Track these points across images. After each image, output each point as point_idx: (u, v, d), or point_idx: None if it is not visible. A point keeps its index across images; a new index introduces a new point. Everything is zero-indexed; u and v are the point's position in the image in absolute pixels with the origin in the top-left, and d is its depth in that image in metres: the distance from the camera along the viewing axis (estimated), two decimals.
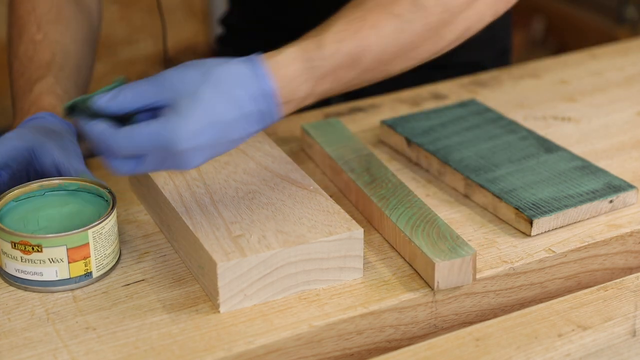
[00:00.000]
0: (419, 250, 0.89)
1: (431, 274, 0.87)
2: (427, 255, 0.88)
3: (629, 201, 1.01)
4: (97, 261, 0.89)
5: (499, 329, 0.87)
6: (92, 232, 0.87)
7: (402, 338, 0.89)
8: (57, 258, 0.87)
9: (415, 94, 1.27)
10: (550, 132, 1.16)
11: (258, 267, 0.85)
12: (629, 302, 0.91)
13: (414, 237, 0.90)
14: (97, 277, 0.89)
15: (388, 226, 0.94)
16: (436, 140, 1.10)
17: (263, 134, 1.05)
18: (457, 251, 0.88)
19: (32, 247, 0.86)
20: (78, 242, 0.87)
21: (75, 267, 0.87)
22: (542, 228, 0.96)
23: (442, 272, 0.87)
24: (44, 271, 0.87)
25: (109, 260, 0.90)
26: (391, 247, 0.94)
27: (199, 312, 0.85)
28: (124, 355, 0.81)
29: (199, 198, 0.93)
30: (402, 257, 0.92)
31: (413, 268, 0.91)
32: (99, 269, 0.89)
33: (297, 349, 0.84)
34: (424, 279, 0.89)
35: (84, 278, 0.88)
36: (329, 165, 1.06)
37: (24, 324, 0.84)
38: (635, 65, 1.36)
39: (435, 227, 0.92)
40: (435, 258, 0.87)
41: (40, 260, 0.87)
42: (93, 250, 0.88)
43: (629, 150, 1.13)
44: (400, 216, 0.94)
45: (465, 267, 0.88)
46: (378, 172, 1.02)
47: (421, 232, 0.91)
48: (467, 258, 0.87)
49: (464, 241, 0.90)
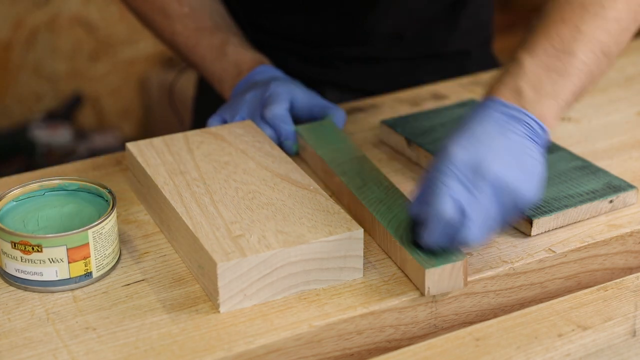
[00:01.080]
0: (409, 256, 0.88)
1: (422, 280, 0.87)
2: (417, 261, 0.87)
3: (629, 201, 1.01)
4: (97, 261, 0.89)
5: (499, 329, 0.87)
6: (92, 232, 0.87)
7: (402, 338, 0.89)
8: (57, 258, 0.87)
9: (415, 94, 1.27)
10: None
11: (258, 267, 0.85)
12: (629, 302, 0.91)
13: (404, 242, 0.90)
14: (97, 277, 0.89)
15: (380, 231, 0.94)
16: (436, 140, 1.10)
17: (263, 134, 1.05)
18: (447, 257, 0.87)
19: (32, 247, 0.86)
20: (78, 242, 0.87)
21: (75, 267, 0.87)
22: (542, 228, 0.96)
23: (433, 279, 0.86)
24: (44, 271, 0.87)
25: (109, 260, 0.90)
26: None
27: (199, 312, 0.85)
28: (124, 355, 0.81)
29: (199, 198, 0.93)
30: (394, 262, 0.92)
31: (404, 273, 0.90)
32: (99, 269, 0.89)
33: (297, 349, 0.84)
34: (415, 284, 0.89)
35: (84, 278, 0.88)
36: (321, 168, 1.06)
37: (24, 324, 0.84)
38: (635, 65, 1.36)
39: None
40: (425, 264, 0.86)
41: (40, 260, 0.87)
42: (93, 250, 0.88)
43: (629, 150, 1.13)
44: (391, 221, 0.93)
45: (455, 272, 0.87)
46: (369, 175, 1.01)
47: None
48: (457, 264, 0.87)
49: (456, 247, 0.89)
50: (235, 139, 1.04)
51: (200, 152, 1.01)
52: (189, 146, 1.02)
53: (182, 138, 1.04)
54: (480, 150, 0.86)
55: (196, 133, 1.05)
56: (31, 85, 2.72)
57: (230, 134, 1.05)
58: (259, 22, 1.31)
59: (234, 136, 1.04)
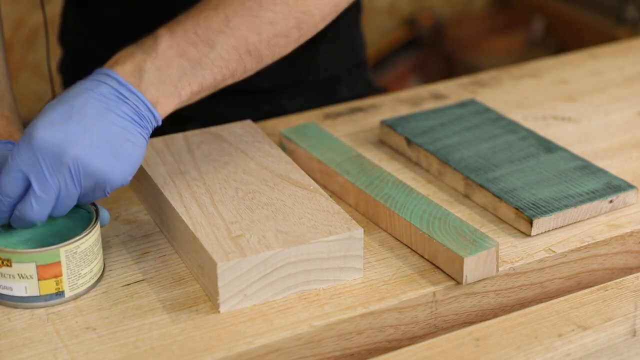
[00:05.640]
0: (441, 247, 0.89)
1: (458, 268, 0.88)
2: (452, 250, 0.88)
3: (629, 201, 1.01)
4: (70, 280, 0.86)
5: (499, 329, 0.87)
6: (64, 250, 0.84)
7: (402, 338, 0.89)
8: (26, 274, 0.84)
9: (415, 94, 1.28)
10: (550, 132, 1.16)
11: (258, 267, 0.85)
12: (629, 302, 0.91)
13: (432, 233, 0.91)
14: (71, 296, 0.86)
15: (400, 225, 0.94)
16: (436, 140, 1.10)
17: (263, 134, 1.05)
18: (481, 244, 0.89)
19: (2, 261, 0.84)
20: (48, 259, 0.84)
21: (45, 285, 0.85)
22: (542, 228, 0.96)
23: (470, 267, 0.88)
24: (14, 286, 0.85)
25: (85, 280, 0.87)
26: (391, 247, 0.94)
27: (199, 312, 0.85)
28: (124, 355, 0.81)
29: (199, 198, 0.93)
30: (419, 254, 0.93)
31: (433, 264, 0.91)
32: (72, 289, 0.86)
33: (297, 349, 0.84)
34: (449, 274, 0.90)
35: (54, 297, 0.85)
36: (318, 170, 1.06)
37: (24, 324, 0.84)
38: (635, 65, 1.36)
39: (449, 222, 0.93)
40: (462, 253, 0.88)
41: (10, 275, 0.84)
42: (66, 269, 0.85)
43: (629, 150, 1.13)
44: (412, 214, 0.94)
45: (490, 259, 0.89)
46: (373, 172, 1.02)
47: (438, 228, 0.92)
48: (492, 250, 0.89)
49: (483, 233, 0.91)
50: (235, 139, 1.04)
51: (200, 152, 1.01)
52: (189, 146, 1.02)
53: (182, 138, 1.04)
54: (69, 130, 0.83)
55: (196, 133, 1.05)
56: (31, 85, 2.72)
57: (230, 134, 1.05)
58: (98, 51, 1.26)
59: (234, 136, 1.04)
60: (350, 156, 1.05)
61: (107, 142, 0.84)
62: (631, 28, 2.84)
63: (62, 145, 0.83)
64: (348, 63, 1.36)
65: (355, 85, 1.37)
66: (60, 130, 0.83)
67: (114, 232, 0.97)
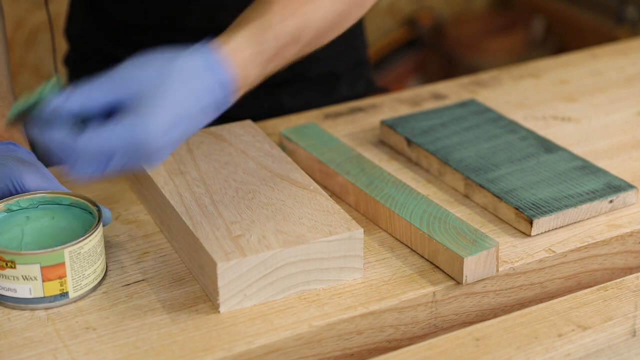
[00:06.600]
0: (441, 247, 0.89)
1: (458, 268, 0.88)
2: (453, 250, 0.88)
3: (629, 201, 1.01)
4: (75, 281, 0.85)
5: (499, 329, 0.87)
6: (68, 251, 0.84)
7: (402, 338, 0.89)
8: (30, 276, 0.83)
9: (415, 94, 1.28)
10: (550, 132, 1.16)
11: (258, 267, 0.85)
12: (629, 302, 0.91)
13: (433, 233, 0.91)
14: (75, 297, 0.86)
15: (400, 225, 0.95)
16: (436, 140, 1.10)
17: (263, 134, 1.05)
18: (481, 244, 0.89)
19: (6, 263, 0.83)
20: (53, 260, 0.83)
21: (49, 286, 0.84)
22: (542, 228, 0.96)
23: (470, 267, 0.88)
24: (18, 288, 0.84)
25: (88, 281, 0.87)
26: (391, 247, 0.95)
27: (199, 312, 0.85)
28: (124, 355, 0.81)
29: (199, 198, 0.93)
30: (419, 254, 0.93)
31: (433, 264, 0.91)
32: (77, 290, 0.86)
33: (297, 349, 0.84)
34: (449, 274, 0.90)
35: (59, 298, 0.85)
36: (318, 170, 1.06)
37: (24, 324, 0.84)
38: (635, 65, 1.36)
39: (449, 222, 0.93)
40: (462, 253, 0.88)
41: (14, 277, 0.84)
42: (70, 270, 0.85)
43: (629, 150, 1.13)
44: (413, 214, 0.94)
45: (490, 259, 0.89)
46: (373, 172, 1.02)
47: (438, 228, 0.92)
48: (492, 250, 0.89)
49: (483, 233, 0.91)
50: (235, 139, 1.04)
51: (200, 152, 1.01)
52: (189, 146, 1.02)
53: None
54: (173, 136, 0.81)
55: (196, 133, 1.05)
56: (31, 85, 2.72)
57: (230, 134, 1.05)
58: (104, 44, 1.26)
59: (234, 136, 1.04)
60: (350, 156, 1.05)
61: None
62: (631, 28, 2.84)
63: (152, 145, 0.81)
64: (348, 61, 1.36)
65: (356, 84, 1.37)
66: (169, 138, 0.81)
67: (114, 232, 0.97)
